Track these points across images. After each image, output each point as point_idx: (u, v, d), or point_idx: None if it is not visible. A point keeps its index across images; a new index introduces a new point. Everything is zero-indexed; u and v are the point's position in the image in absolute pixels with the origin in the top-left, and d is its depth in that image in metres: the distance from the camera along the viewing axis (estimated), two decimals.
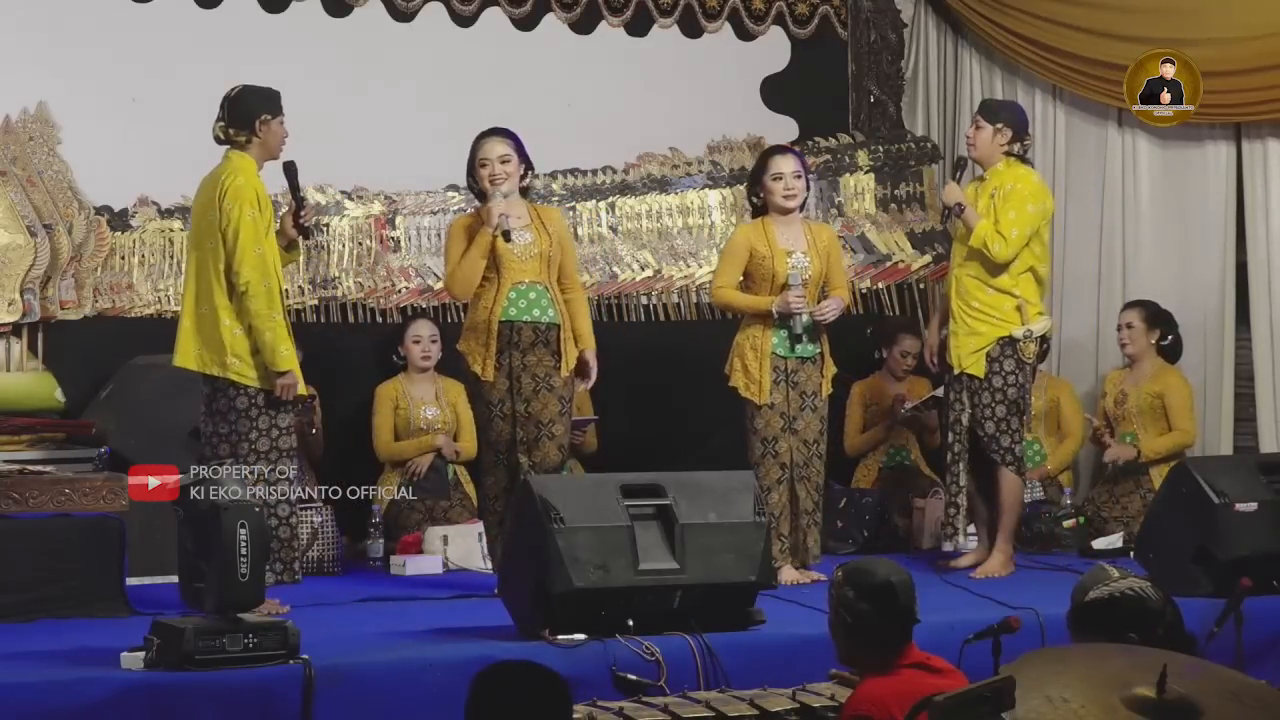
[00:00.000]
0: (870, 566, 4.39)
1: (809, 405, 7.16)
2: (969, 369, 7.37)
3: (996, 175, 7.41)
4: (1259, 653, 6.07)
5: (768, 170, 7.26)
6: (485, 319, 6.88)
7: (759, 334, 7.14)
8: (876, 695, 4.12)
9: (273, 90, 6.47)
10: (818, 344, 7.19)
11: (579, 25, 9.13)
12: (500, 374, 6.88)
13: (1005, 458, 7.38)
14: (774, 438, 7.11)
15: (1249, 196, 8.69)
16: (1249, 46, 8.46)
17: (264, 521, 5.37)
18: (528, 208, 7.04)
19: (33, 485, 6.36)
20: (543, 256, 6.92)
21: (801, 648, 5.61)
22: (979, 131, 7.43)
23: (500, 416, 6.90)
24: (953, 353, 7.42)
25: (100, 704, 4.93)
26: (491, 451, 6.99)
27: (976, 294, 7.37)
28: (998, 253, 7.27)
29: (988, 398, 7.36)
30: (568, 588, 5.55)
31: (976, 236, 7.28)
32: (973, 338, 7.37)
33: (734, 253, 7.26)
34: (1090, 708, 3.20)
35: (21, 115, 8.01)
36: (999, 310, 7.35)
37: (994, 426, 7.36)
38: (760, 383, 7.10)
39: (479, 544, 7.61)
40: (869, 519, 8.30)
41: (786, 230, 7.22)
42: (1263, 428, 8.57)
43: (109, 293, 8.09)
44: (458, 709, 3.58)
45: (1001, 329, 7.35)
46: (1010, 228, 7.28)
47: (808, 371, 7.17)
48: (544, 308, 6.91)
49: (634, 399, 7.81)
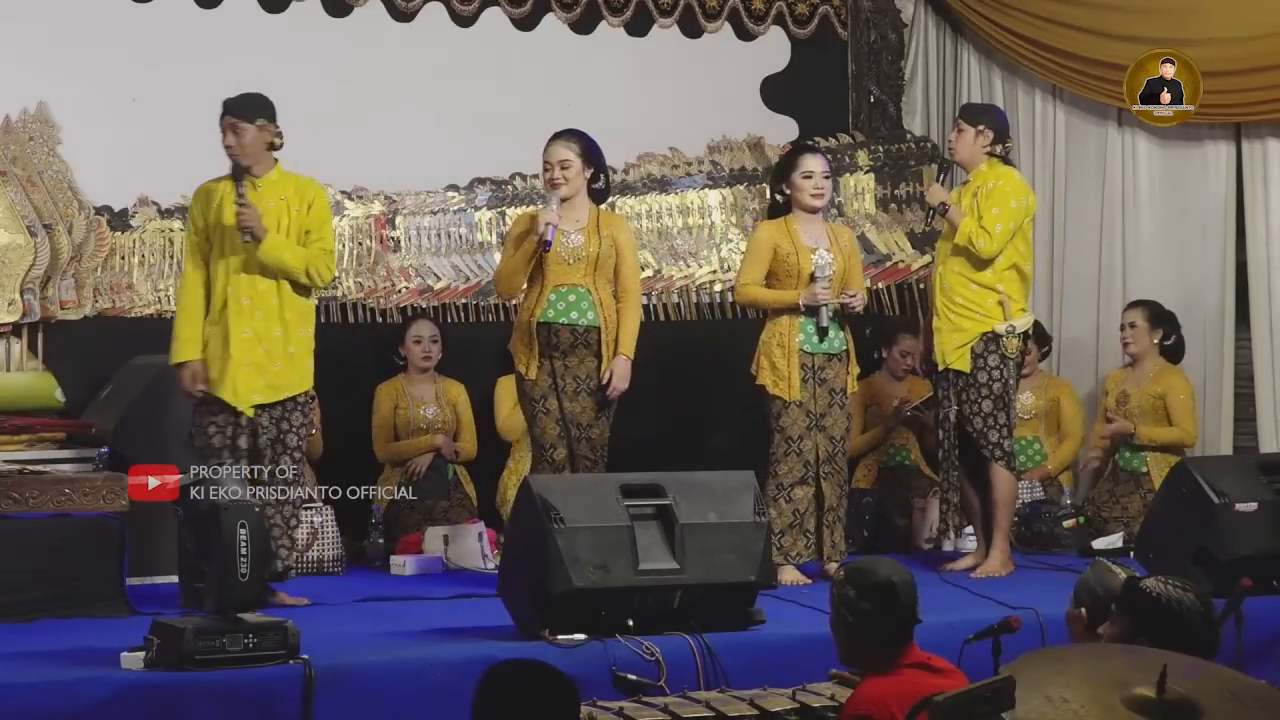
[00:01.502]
0: (872, 566, 4.39)
1: (836, 403, 7.18)
2: (954, 364, 7.38)
3: (979, 176, 7.44)
4: (1259, 653, 6.07)
5: (798, 168, 7.27)
6: (527, 320, 6.97)
7: (785, 330, 7.15)
8: (877, 695, 4.12)
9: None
10: (843, 338, 7.20)
11: (579, 25, 9.13)
12: (543, 373, 6.92)
13: (995, 453, 7.38)
14: (799, 436, 7.11)
15: (1249, 196, 8.69)
16: (1249, 46, 8.46)
17: (264, 521, 5.37)
18: (591, 211, 7.06)
19: (33, 485, 6.36)
20: (590, 260, 6.95)
21: (801, 648, 5.61)
22: (960, 135, 7.48)
23: (544, 413, 6.96)
24: (937, 349, 7.44)
25: (100, 704, 4.93)
26: (537, 448, 7.05)
27: (960, 290, 7.38)
28: (983, 248, 7.29)
29: (973, 394, 7.37)
30: (568, 588, 5.55)
31: (962, 234, 7.30)
32: (956, 333, 7.38)
33: (758, 250, 7.28)
34: (1090, 708, 3.20)
35: (21, 115, 8.01)
36: (982, 306, 7.36)
37: (981, 422, 7.36)
38: (789, 379, 7.11)
39: (479, 544, 7.62)
40: (869, 519, 8.31)
41: (809, 228, 7.25)
42: (1263, 428, 8.57)
43: (109, 293, 8.09)
44: (458, 709, 3.59)
45: (984, 324, 7.35)
46: (994, 223, 7.30)
47: (835, 369, 7.18)
48: (583, 310, 6.95)
49: (634, 399, 7.79)
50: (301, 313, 6.58)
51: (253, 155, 6.52)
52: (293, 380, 6.52)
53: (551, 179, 6.98)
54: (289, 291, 6.52)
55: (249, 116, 6.51)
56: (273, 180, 6.56)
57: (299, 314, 6.56)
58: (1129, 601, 3.96)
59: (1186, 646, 3.72)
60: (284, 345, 6.51)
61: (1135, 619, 3.89)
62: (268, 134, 6.52)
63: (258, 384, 6.49)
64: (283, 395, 6.51)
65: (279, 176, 6.58)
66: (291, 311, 6.53)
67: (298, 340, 6.54)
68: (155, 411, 7.32)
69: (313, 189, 6.62)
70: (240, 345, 6.47)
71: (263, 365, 6.48)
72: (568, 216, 6.95)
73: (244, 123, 6.50)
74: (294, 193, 6.55)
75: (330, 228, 6.69)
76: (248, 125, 6.50)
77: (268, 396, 6.50)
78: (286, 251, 6.47)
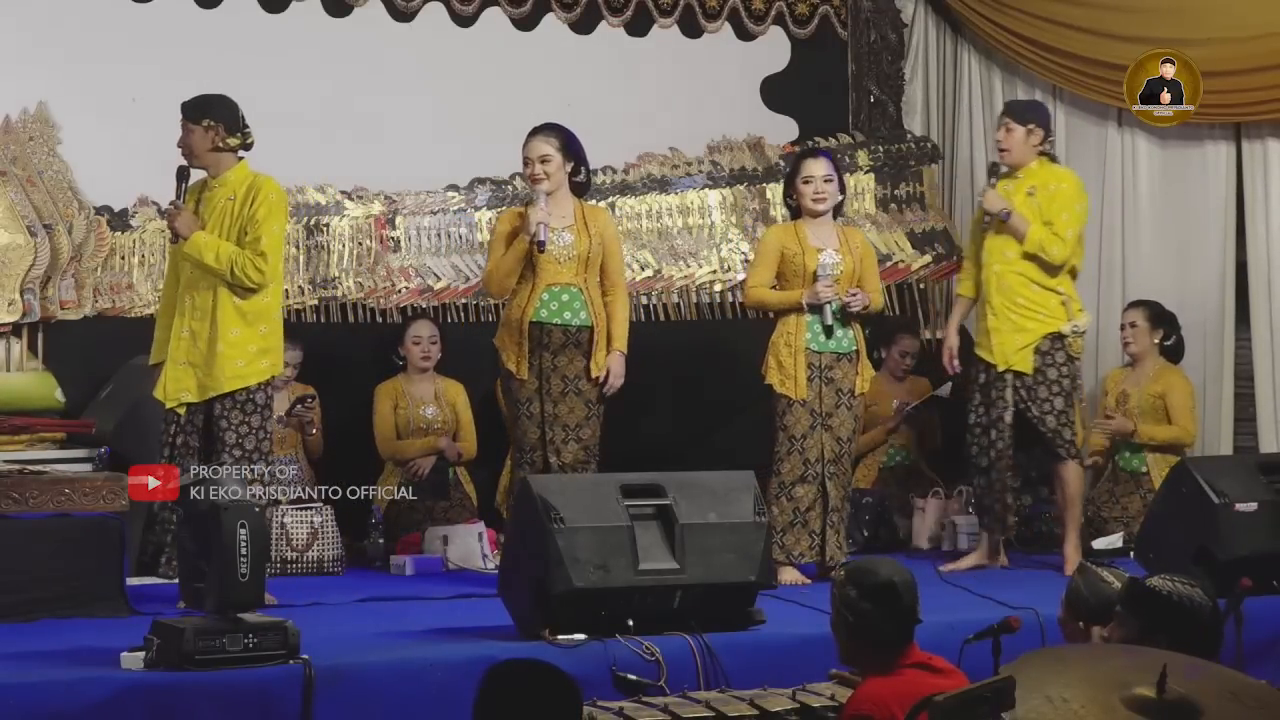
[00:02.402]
0: (873, 566, 4.39)
1: (844, 403, 7.17)
2: (1016, 365, 7.35)
3: (1031, 175, 7.40)
4: (1259, 653, 6.07)
5: (799, 173, 7.29)
6: (518, 318, 6.94)
7: (793, 330, 7.15)
8: (878, 695, 4.12)
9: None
10: (852, 338, 7.19)
11: (579, 25, 9.13)
12: (531, 374, 6.92)
13: (1069, 450, 7.40)
14: (802, 435, 7.11)
15: (1249, 196, 8.69)
16: (1249, 46, 8.46)
17: (264, 521, 5.37)
18: (575, 206, 7.05)
19: (33, 485, 6.35)
20: (581, 258, 6.96)
21: (801, 648, 5.61)
22: (1010, 134, 7.41)
23: (527, 416, 6.95)
24: (996, 350, 7.37)
25: (100, 704, 4.93)
26: (517, 450, 7.04)
27: (1022, 290, 7.35)
28: (1056, 255, 7.28)
29: (1044, 391, 7.35)
30: (568, 588, 5.55)
31: (1032, 242, 7.27)
32: (1019, 334, 7.35)
33: (765, 253, 7.29)
34: (1090, 708, 3.20)
35: (21, 115, 8.01)
36: (1045, 307, 7.35)
37: (1055, 420, 7.35)
38: (796, 378, 7.11)
39: (479, 544, 7.62)
40: (869, 519, 8.31)
41: (818, 231, 7.25)
42: (1263, 428, 8.57)
43: (109, 293, 8.09)
44: (458, 709, 3.59)
45: (1049, 325, 7.35)
46: (1065, 229, 7.31)
47: (843, 369, 7.18)
48: (576, 310, 6.95)
49: (634, 399, 7.80)
50: (240, 311, 6.48)
51: (199, 156, 6.55)
52: (219, 380, 6.46)
53: (533, 174, 6.97)
54: (225, 292, 6.46)
55: (195, 117, 6.55)
56: (228, 179, 6.56)
57: (236, 314, 6.47)
58: (1138, 602, 3.95)
59: (1199, 642, 3.73)
60: (213, 345, 6.47)
61: (1147, 619, 3.88)
62: (215, 135, 6.52)
63: (189, 383, 6.49)
64: (209, 394, 6.47)
65: (236, 176, 6.56)
66: (225, 311, 6.46)
67: (228, 340, 6.46)
68: (156, 412, 7.30)
69: (262, 188, 6.52)
70: (177, 345, 6.51)
71: (197, 365, 6.49)
72: (554, 213, 6.93)
73: (190, 123, 6.55)
74: (244, 191, 6.53)
75: (270, 227, 6.48)
76: (194, 126, 6.54)
77: (197, 396, 6.49)
78: (208, 251, 6.43)
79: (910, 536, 8.37)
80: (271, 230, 6.50)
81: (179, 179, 6.56)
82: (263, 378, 6.54)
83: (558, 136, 7.01)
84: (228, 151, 6.56)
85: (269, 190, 6.53)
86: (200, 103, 6.59)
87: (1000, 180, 7.48)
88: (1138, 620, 3.89)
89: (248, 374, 6.49)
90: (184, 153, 6.57)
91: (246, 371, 6.49)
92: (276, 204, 6.55)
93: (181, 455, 6.43)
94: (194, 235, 6.46)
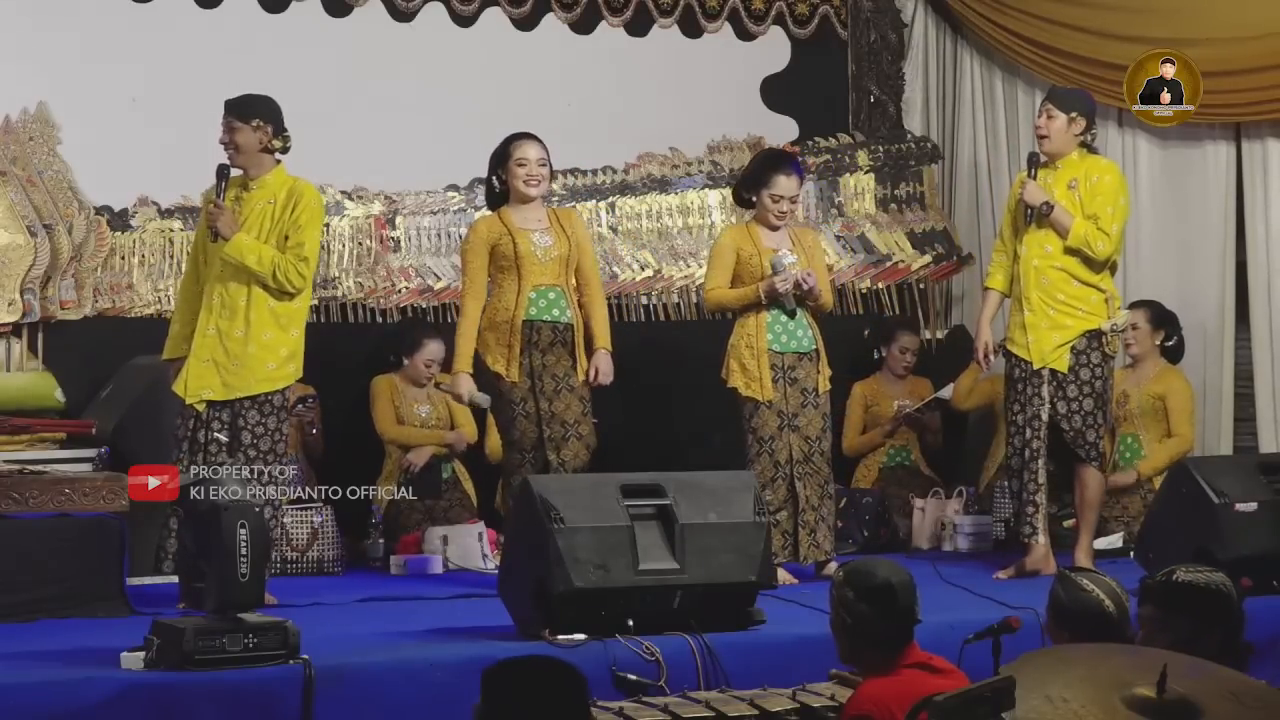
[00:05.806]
0: (870, 567, 4.39)
1: (809, 402, 7.16)
2: (1052, 363, 7.18)
3: (1071, 166, 7.22)
4: (1259, 653, 6.04)
5: (768, 186, 7.18)
6: (508, 319, 6.97)
7: (753, 332, 7.14)
8: (878, 695, 4.12)
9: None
10: (812, 337, 7.17)
11: (579, 25, 9.14)
12: (522, 374, 6.94)
13: (1090, 453, 7.22)
14: (770, 436, 7.11)
15: (1249, 196, 8.69)
16: (1249, 46, 8.46)
17: (265, 521, 5.37)
18: (547, 212, 7.14)
19: (33, 485, 6.35)
20: (561, 259, 7.02)
21: (801, 648, 5.60)
22: (1052, 121, 7.21)
23: (524, 416, 6.97)
24: (1033, 347, 7.19)
25: (100, 704, 4.92)
26: (516, 451, 7.03)
27: (1063, 287, 7.18)
28: (1101, 250, 7.12)
29: (1074, 391, 7.19)
30: (568, 588, 5.55)
31: (1076, 236, 7.10)
32: (1057, 331, 7.18)
33: (721, 255, 7.27)
34: (1090, 708, 3.20)
35: (21, 115, 8.02)
36: (1086, 303, 7.19)
37: (1081, 421, 7.20)
38: (761, 380, 7.10)
39: (479, 544, 7.62)
40: (869, 519, 8.31)
41: (771, 234, 7.25)
42: (1263, 428, 8.57)
43: (109, 293, 8.09)
44: (458, 709, 3.58)
45: (1089, 322, 7.18)
46: (1110, 224, 7.13)
47: (805, 368, 7.17)
48: (562, 309, 7.02)
49: (634, 399, 7.80)
50: (274, 314, 6.49)
51: (245, 155, 6.53)
52: (248, 381, 6.46)
53: (529, 175, 7.03)
54: (260, 293, 6.47)
55: (245, 116, 6.52)
56: (267, 182, 6.55)
57: (270, 316, 6.48)
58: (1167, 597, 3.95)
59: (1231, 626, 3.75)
60: (244, 345, 6.47)
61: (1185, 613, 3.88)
62: (263, 135, 6.52)
63: (212, 381, 6.47)
64: (235, 395, 6.46)
65: (275, 179, 6.56)
66: (259, 313, 6.46)
67: (260, 342, 6.46)
68: (155, 411, 7.31)
69: (304, 194, 6.54)
70: (201, 341, 6.50)
71: (221, 363, 6.47)
72: (530, 216, 7.04)
73: (239, 122, 6.51)
74: (284, 196, 6.52)
75: (312, 234, 6.53)
76: (242, 125, 6.51)
77: (221, 394, 6.47)
78: (250, 254, 6.42)
79: (910, 537, 8.37)
80: (313, 236, 6.56)
81: (219, 177, 6.52)
82: (289, 382, 6.58)
83: (543, 143, 7.09)
84: (271, 153, 6.56)
85: (310, 196, 6.58)
86: (249, 101, 6.57)
87: (1040, 171, 7.25)
88: (1187, 617, 3.89)
89: (276, 378, 6.52)
90: (229, 151, 6.54)
91: (275, 375, 6.51)
92: (318, 211, 6.65)
93: (207, 452, 6.42)
94: (236, 237, 6.45)
